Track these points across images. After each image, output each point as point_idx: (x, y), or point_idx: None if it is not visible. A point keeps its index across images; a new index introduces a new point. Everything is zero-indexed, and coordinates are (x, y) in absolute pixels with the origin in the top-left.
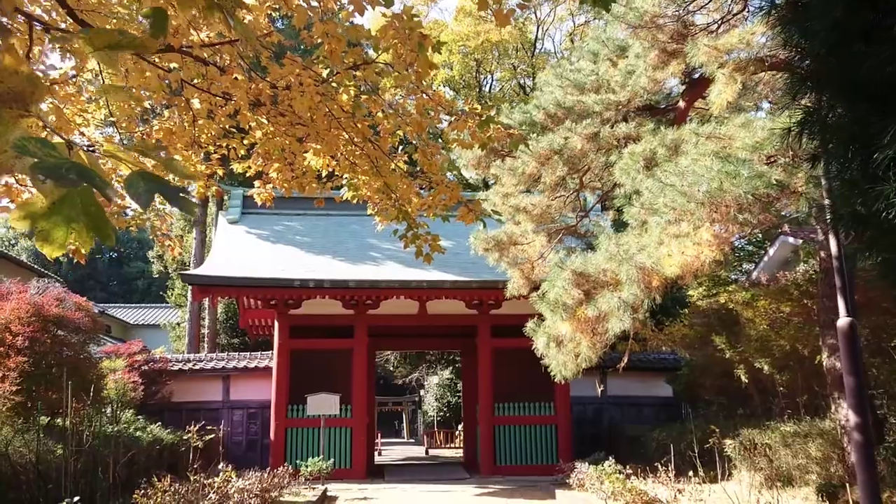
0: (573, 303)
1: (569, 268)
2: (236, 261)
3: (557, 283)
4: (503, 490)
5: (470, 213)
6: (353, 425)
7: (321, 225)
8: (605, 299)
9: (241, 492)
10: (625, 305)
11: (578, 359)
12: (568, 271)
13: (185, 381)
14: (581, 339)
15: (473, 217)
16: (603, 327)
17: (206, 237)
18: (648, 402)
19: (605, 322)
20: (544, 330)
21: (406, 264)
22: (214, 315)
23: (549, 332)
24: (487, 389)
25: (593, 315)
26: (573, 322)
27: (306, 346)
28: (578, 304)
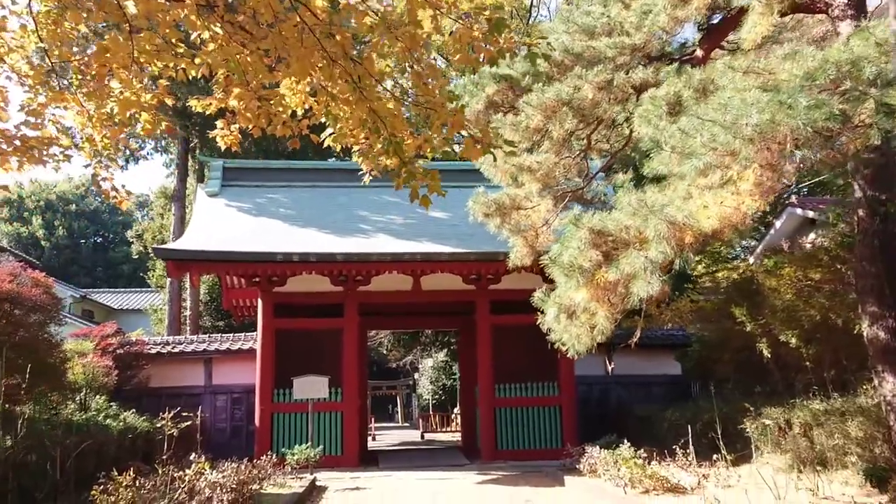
0: (591, 265)
1: (585, 226)
2: (216, 235)
3: (572, 243)
4: (506, 476)
5: (477, 145)
6: (344, 409)
7: (307, 197)
8: (630, 260)
9: (213, 486)
10: (652, 266)
11: (594, 331)
12: (584, 230)
13: (164, 364)
14: (597, 309)
15: (480, 151)
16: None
17: (187, 214)
18: (656, 381)
19: (627, 287)
20: (554, 300)
21: (398, 236)
22: (196, 296)
23: (559, 301)
24: (487, 369)
25: (614, 279)
26: (591, 288)
27: (293, 325)
28: (597, 266)
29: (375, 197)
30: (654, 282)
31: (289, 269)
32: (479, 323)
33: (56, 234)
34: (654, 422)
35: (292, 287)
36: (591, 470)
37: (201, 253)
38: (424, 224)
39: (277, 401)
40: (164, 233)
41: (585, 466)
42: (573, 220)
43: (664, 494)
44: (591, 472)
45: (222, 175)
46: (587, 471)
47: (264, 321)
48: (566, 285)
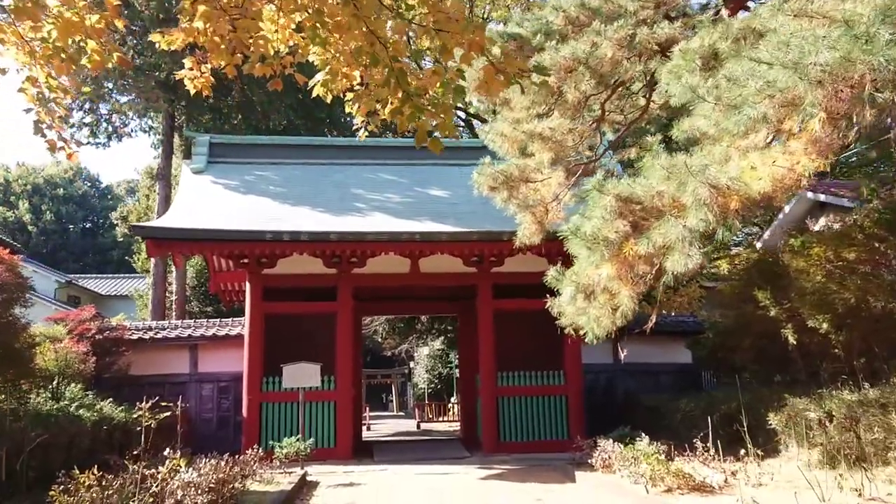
0: (617, 237)
1: (611, 192)
2: (201, 213)
3: (595, 212)
4: (511, 471)
5: (499, 75)
6: (337, 399)
7: (298, 175)
8: (665, 229)
9: (186, 487)
10: (691, 235)
11: (617, 313)
12: (610, 197)
13: (147, 351)
14: (620, 288)
15: (503, 82)
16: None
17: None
18: (665, 370)
19: (659, 261)
20: (571, 278)
21: (396, 215)
22: (183, 280)
23: (577, 280)
24: (489, 357)
25: (645, 252)
26: (616, 263)
27: (283, 309)
28: (624, 238)
29: (371, 175)
30: (693, 254)
31: (279, 248)
32: (480, 308)
33: (43, 219)
34: (665, 412)
35: (283, 269)
36: (605, 465)
37: (183, 231)
38: (423, 203)
39: (266, 390)
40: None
41: (598, 461)
42: (597, 186)
43: (690, 493)
44: (605, 468)
45: (209, 151)
46: (600, 466)
47: (252, 305)
48: (588, 260)
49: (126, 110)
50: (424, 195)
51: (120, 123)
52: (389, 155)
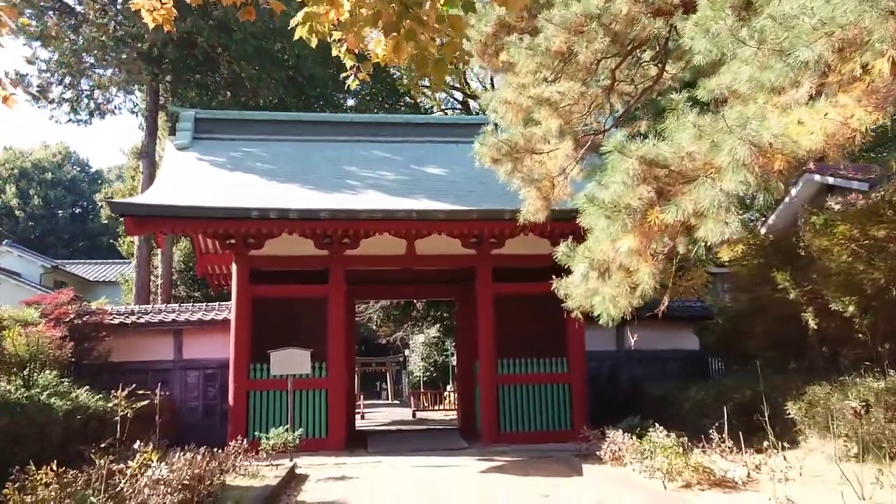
0: (641, 205)
1: (634, 154)
2: (184, 190)
3: (616, 177)
4: (513, 463)
5: None
6: (329, 387)
7: (288, 151)
8: (697, 194)
9: (154, 485)
10: (728, 200)
11: (636, 292)
12: (633, 160)
13: (128, 336)
14: (640, 265)
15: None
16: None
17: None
18: (671, 357)
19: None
20: (584, 254)
21: (390, 193)
22: (169, 264)
23: (590, 256)
24: (489, 343)
25: (672, 221)
26: (639, 234)
27: (272, 293)
28: (648, 206)
29: (364, 152)
30: (731, 221)
31: (266, 227)
32: (479, 291)
33: (31, 204)
34: (673, 401)
35: (271, 250)
36: (615, 457)
37: (164, 208)
38: (419, 180)
39: (254, 377)
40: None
41: (607, 453)
42: (618, 147)
43: (711, 489)
44: (615, 460)
45: (194, 127)
46: (609, 458)
47: (239, 288)
48: (605, 232)
49: (107, 84)
50: (420, 173)
51: (103, 100)
52: (383, 132)
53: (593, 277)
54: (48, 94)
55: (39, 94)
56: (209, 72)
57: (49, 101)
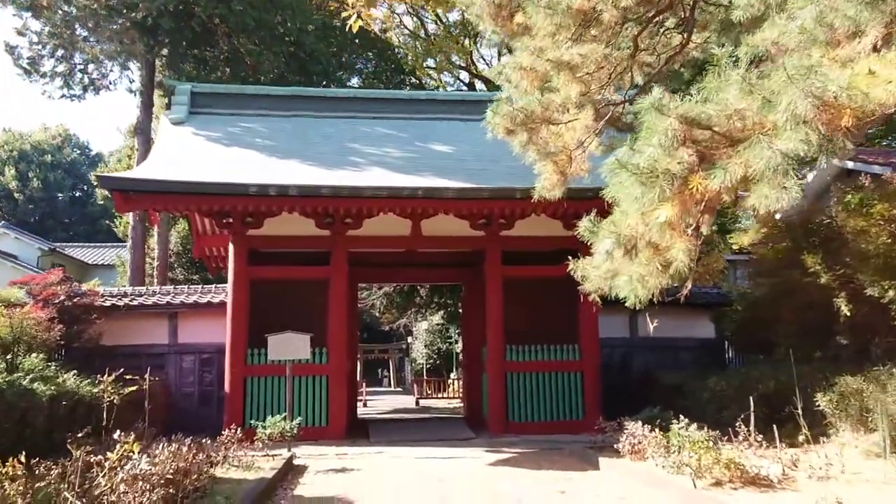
0: (682, 169)
1: (674, 113)
2: (178, 165)
3: (652, 139)
4: (523, 455)
5: None
6: (330, 373)
7: (288, 127)
8: (747, 156)
9: (132, 482)
10: (786, 162)
11: (669, 270)
12: (672, 119)
13: (121, 319)
14: (674, 240)
15: None
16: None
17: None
18: (685, 345)
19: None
20: (609, 229)
21: (395, 170)
22: (165, 245)
23: (617, 230)
24: (497, 328)
25: (719, 187)
26: (677, 203)
27: (271, 275)
28: (689, 171)
29: (368, 129)
30: (789, 185)
31: (264, 204)
32: (488, 275)
33: (30, 187)
34: (688, 391)
35: (270, 230)
36: (634, 451)
37: (156, 183)
38: (426, 158)
39: (251, 363)
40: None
41: (625, 446)
42: (655, 104)
43: (744, 487)
44: (634, 454)
45: (190, 101)
46: (628, 451)
47: (236, 269)
48: (640, 200)
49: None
50: (427, 150)
51: (97, 75)
52: (388, 108)
53: (618, 256)
54: (40, 67)
55: (30, 67)
56: (207, 46)
57: (41, 75)
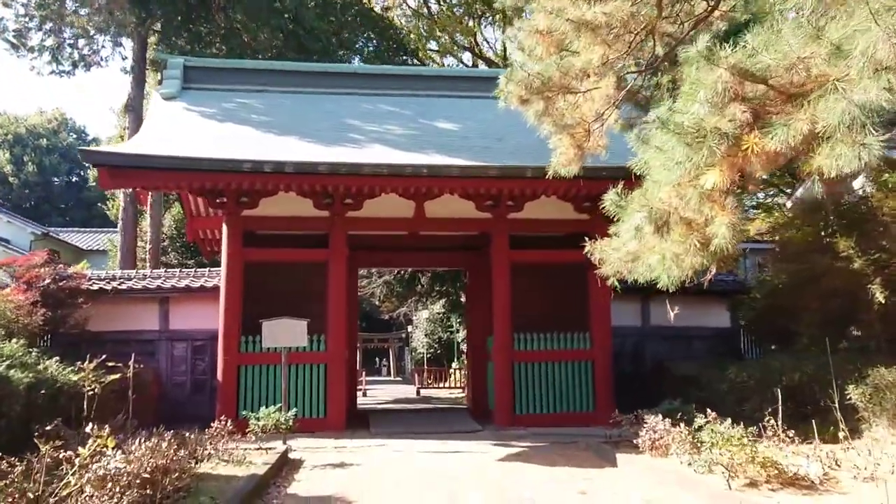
0: (733, 128)
1: (725, 63)
2: (168, 141)
3: (699, 93)
4: (534, 450)
5: None
6: (329, 361)
7: (286, 104)
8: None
9: (100, 483)
10: (864, 115)
11: (711, 247)
12: (723, 70)
13: (109, 304)
14: (716, 213)
15: None
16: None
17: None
18: (698, 334)
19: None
20: (640, 201)
21: (397, 147)
22: (158, 227)
23: (648, 203)
24: (504, 316)
25: (780, 146)
26: (726, 167)
27: (266, 257)
28: (742, 129)
29: (369, 105)
30: (870, 142)
31: (259, 182)
32: (494, 259)
33: (25, 171)
34: (705, 383)
35: (266, 210)
36: (655, 446)
37: (143, 158)
38: (429, 135)
39: (246, 350)
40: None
41: (645, 441)
42: (703, 54)
43: (784, 489)
44: (655, 449)
45: (183, 76)
46: (648, 447)
47: (230, 252)
48: (684, 165)
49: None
50: (431, 127)
51: (88, 50)
52: (390, 84)
53: (648, 232)
54: (27, 41)
55: (17, 41)
56: (202, 19)
57: (28, 49)
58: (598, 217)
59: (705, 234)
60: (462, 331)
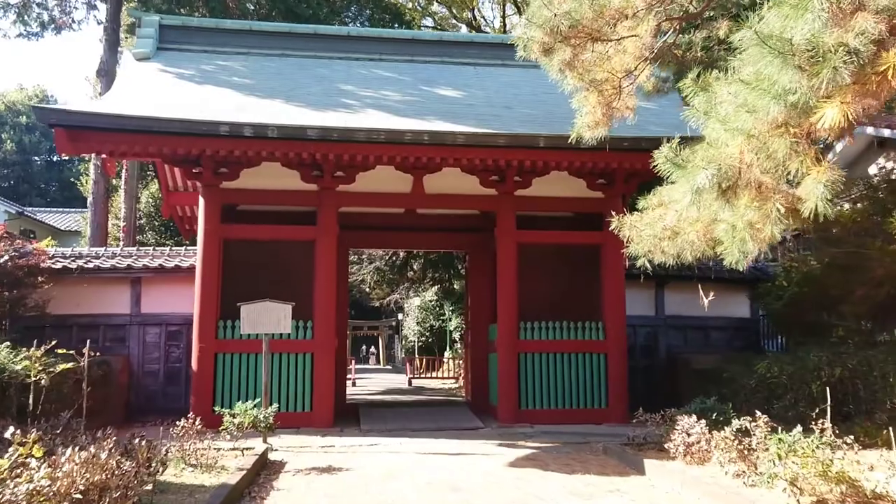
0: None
1: None
2: (139, 102)
3: (811, 3)
4: (546, 452)
5: None
6: (316, 350)
7: (272, 67)
8: None
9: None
10: None
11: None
12: None
13: (75, 285)
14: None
15: None
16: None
17: None
18: (716, 325)
19: None
20: (704, 155)
21: (395, 113)
22: (133, 204)
23: (717, 157)
24: (510, 303)
25: None
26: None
27: (248, 235)
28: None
29: (364, 70)
30: None
31: (239, 147)
32: (500, 241)
33: (4, 149)
34: (727, 378)
35: (248, 183)
36: (690, 451)
37: (106, 118)
38: (430, 102)
39: (224, 337)
40: None
41: (679, 446)
42: None
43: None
44: (690, 455)
45: (159, 35)
46: (680, 452)
47: (207, 228)
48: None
49: None
50: (432, 94)
51: (59, 12)
52: (387, 49)
53: (710, 198)
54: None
55: None
56: None
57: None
58: (613, 195)
59: (788, 197)
60: (455, 319)
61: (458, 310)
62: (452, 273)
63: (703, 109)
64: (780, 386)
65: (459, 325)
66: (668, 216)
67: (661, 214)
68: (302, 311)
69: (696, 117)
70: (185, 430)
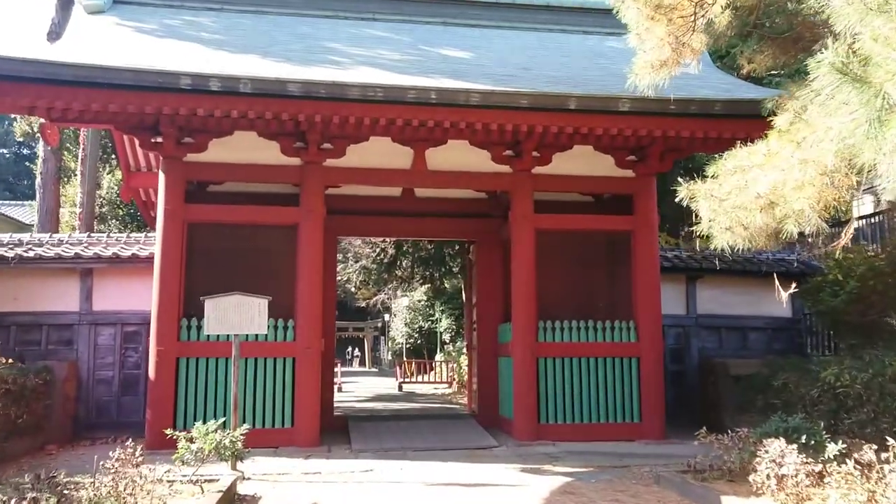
0: None
1: None
2: (85, 54)
3: None
4: (582, 481)
5: None
6: (298, 354)
7: (247, 24)
8: None
9: None
10: None
11: None
12: None
13: (13, 277)
14: None
15: None
16: None
17: None
18: (754, 325)
19: None
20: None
21: (393, 71)
22: (92, 188)
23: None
24: (528, 298)
25: None
26: None
27: (218, 217)
28: None
29: (355, 30)
30: None
31: (204, 106)
32: (515, 226)
33: None
34: (778, 387)
35: (218, 156)
36: (782, 486)
37: (38, 65)
38: (434, 61)
39: (188, 338)
40: None
41: (767, 478)
42: None
43: None
44: (785, 492)
45: None
46: (772, 487)
47: (168, 207)
48: None
49: None
50: (434, 54)
51: None
52: (380, 7)
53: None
54: None
55: None
56: None
57: None
58: (645, 174)
59: None
60: (445, 319)
61: (450, 310)
62: (444, 271)
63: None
64: (852, 396)
65: (451, 325)
66: (765, 178)
67: (752, 179)
68: (282, 309)
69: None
70: (126, 456)
